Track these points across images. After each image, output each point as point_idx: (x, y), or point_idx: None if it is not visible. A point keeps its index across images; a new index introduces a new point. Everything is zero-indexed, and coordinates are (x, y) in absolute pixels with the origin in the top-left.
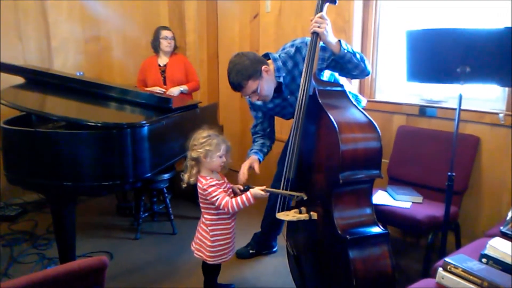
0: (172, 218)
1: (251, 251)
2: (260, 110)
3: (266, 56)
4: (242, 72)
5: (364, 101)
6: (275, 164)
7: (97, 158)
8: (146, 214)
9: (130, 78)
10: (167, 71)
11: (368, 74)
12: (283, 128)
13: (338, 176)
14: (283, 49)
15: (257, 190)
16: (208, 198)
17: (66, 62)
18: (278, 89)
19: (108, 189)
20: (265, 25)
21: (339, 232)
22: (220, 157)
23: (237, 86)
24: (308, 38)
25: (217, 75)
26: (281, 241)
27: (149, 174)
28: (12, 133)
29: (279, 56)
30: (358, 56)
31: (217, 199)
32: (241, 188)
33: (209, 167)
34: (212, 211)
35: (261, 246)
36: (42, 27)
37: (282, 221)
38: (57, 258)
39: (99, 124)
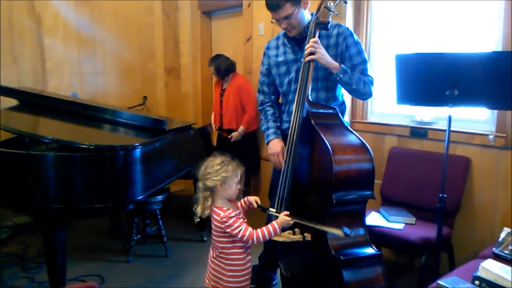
0: (165, 240)
1: (251, 286)
2: (268, 65)
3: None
4: None
5: None
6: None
7: (90, 180)
8: (139, 236)
9: (124, 100)
10: (224, 95)
11: (367, 98)
12: None
13: (332, 196)
14: None
15: (283, 218)
16: (228, 230)
17: (61, 84)
18: (300, 44)
19: (100, 212)
20: (259, 48)
21: (333, 252)
22: (237, 183)
23: (274, 5)
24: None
25: (210, 97)
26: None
27: (141, 197)
28: (3, 156)
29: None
30: (361, 83)
31: (239, 231)
32: (258, 202)
33: (226, 196)
34: (228, 245)
35: (261, 279)
36: (37, 49)
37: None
38: (48, 282)
39: (92, 147)
